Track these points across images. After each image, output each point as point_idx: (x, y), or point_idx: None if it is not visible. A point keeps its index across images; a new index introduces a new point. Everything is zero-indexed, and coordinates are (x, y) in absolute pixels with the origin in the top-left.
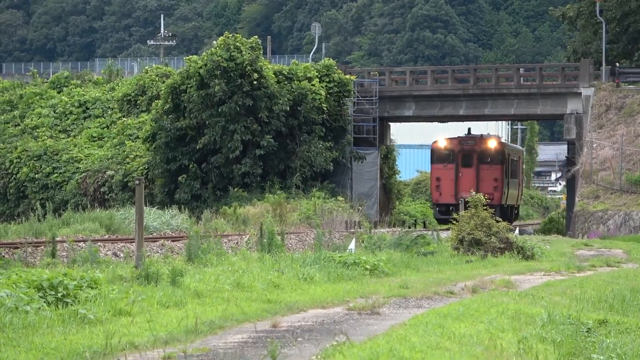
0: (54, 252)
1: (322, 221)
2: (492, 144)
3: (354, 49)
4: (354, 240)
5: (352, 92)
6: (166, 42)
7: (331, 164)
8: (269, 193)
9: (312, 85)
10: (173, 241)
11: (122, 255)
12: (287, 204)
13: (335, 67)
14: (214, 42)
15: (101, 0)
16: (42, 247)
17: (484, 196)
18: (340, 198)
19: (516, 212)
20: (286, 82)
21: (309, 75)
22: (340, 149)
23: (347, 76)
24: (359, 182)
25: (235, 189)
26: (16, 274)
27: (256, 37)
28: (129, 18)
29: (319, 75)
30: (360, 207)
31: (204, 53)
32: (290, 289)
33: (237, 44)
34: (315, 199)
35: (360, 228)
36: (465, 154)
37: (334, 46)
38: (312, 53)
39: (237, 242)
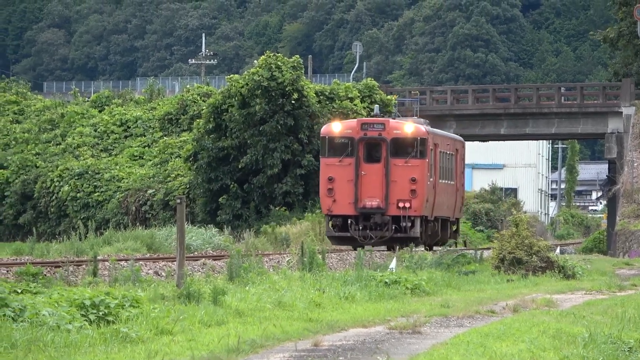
0: (96, 271)
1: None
2: (409, 130)
3: (395, 68)
4: (394, 259)
5: (393, 112)
6: (207, 61)
7: None
8: (310, 212)
9: (353, 105)
10: (214, 260)
11: (163, 274)
12: None
13: (377, 87)
14: (255, 61)
15: (142, 19)
16: (84, 265)
17: (397, 205)
18: None
19: (454, 228)
20: (327, 102)
21: (350, 95)
22: None
23: (389, 96)
24: None
25: (277, 208)
26: (58, 293)
27: (297, 56)
28: (170, 37)
29: (361, 95)
30: None
31: (245, 72)
32: (331, 308)
33: (279, 63)
34: None
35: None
36: (369, 144)
37: (374, 65)
38: (353, 72)
39: (279, 261)
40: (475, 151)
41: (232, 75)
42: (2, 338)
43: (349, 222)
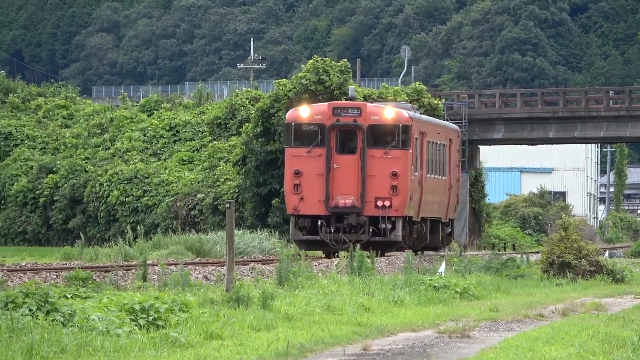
0: (145, 276)
1: None
2: (389, 115)
3: (443, 72)
4: (443, 263)
5: (441, 116)
6: (256, 66)
7: None
8: None
9: None
10: (263, 264)
11: (212, 278)
12: None
13: (426, 91)
14: (303, 65)
15: (191, 23)
16: (133, 270)
17: (376, 203)
18: None
19: (448, 230)
20: None
21: (398, 99)
22: None
23: (437, 100)
24: None
25: None
26: (107, 298)
27: (345, 60)
28: (218, 41)
29: (409, 99)
30: None
31: (294, 76)
32: (380, 312)
33: (327, 67)
34: None
35: (449, 251)
36: (343, 132)
37: (423, 69)
38: (401, 76)
39: (328, 266)
40: (523, 155)
41: (280, 80)
42: (52, 343)
43: (319, 223)
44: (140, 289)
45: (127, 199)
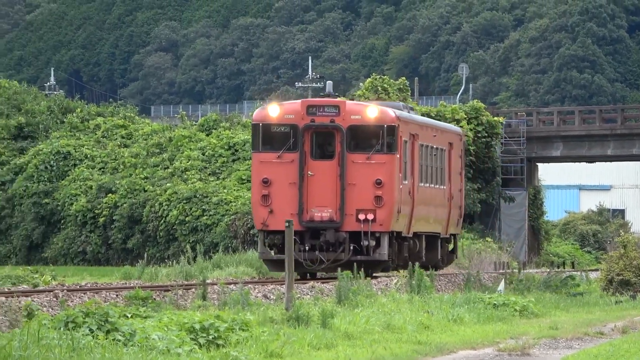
0: (205, 295)
1: (470, 262)
2: (372, 114)
3: (501, 90)
4: (502, 281)
5: (500, 134)
6: (314, 84)
7: (479, 205)
8: None
9: (460, 127)
10: (323, 283)
11: (272, 297)
12: None
13: (484, 109)
14: (362, 83)
15: (249, 42)
16: (193, 289)
17: (357, 217)
18: (488, 239)
19: (450, 247)
20: None
21: (457, 117)
22: (488, 191)
23: (496, 118)
24: (507, 223)
25: None
26: (167, 317)
27: (404, 78)
28: (276, 60)
29: (467, 117)
30: (508, 248)
31: (352, 94)
32: (440, 330)
33: (385, 85)
34: (463, 240)
35: (508, 269)
36: (319, 134)
37: (481, 87)
38: (459, 94)
39: (387, 284)
40: (582, 172)
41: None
42: None
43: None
44: (200, 308)
45: (186, 218)
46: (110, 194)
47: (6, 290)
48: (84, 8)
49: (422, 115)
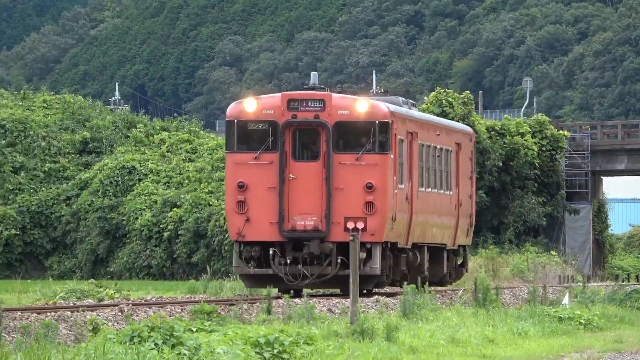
0: (270, 309)
1: (535, 276)
2: (361, 109)
3: (565, 103)
4: (567, 294)
5: (564, 148)
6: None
7: (544, 218)
8: (482, 248)
9: (524, 140)
10: (387, 297)
11: (337, 311)
12: (500, 259)
13: (548, 122)
14: (426, 97)
15: (313, 57)
16: (258, 303)
17: (345, 225)
18: (553, 252)
19: (459, 260)
20: (498, 137)
21: (521, 130)
22: (553, 204)
23: (560, 132)
24: (571, 237)
25: None
26: (232, 331)
27: (468, 92)
28: (340, 74)
29: (532, 131)
30: (573, 262)
31: (416, 108)
32: (504, 344)
33: (449, 99)
34: (528, 253)
35: (573, 282)
36: (302, 132)
37: (545, 100)
38: (523, 108)
39: (451, 298)
40: None
41: None
42: None
43: (271, 252)
44: (265, 322)
45: None
46: (175, 209)
47: (71, 304)
48: (148, 23)
49: (486, 128)
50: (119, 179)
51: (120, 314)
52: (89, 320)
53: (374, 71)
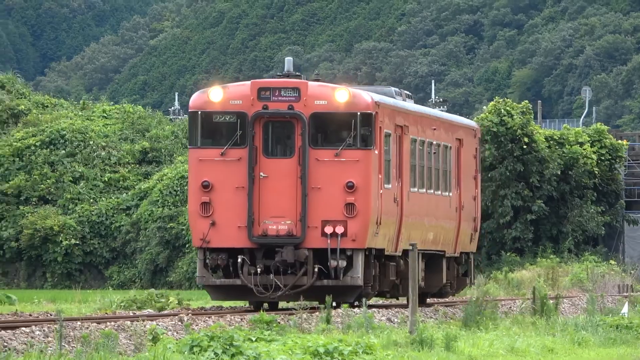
0: (329, 318)
1: (594, 285)
2: (341, 98)
3: (625, 113)
4: (627, 303)
5: (623, 157)
6: (437, 108)
7: (603, 228)
8: (541, 257)
9: (583, 149)
10: (446, 306)
11: (396, 320)
12: (559, 269)
13: (607, 132)
14: (485, 107)
15: (372, 66)
16: (317, 313)
17: (323, 230)
18: (612, 262)
19: (462, 269)
20: (557, 147)
21: (580, 139)
22: (612, 213)
23: (619, 141)
24: (631, 246)
25: (508, 254)
26: (292, 340)
27: (527, 101)
28: (399, 84)
29: (591, 140)
30: (632, 271)
31: (475, 118)
32: (564, 353)
33: (508, 108)
34: (587, 263)
35: (632, 292)
36: (274, 125)
37: (604, 110)
38: (582, 117)
39: (510, 307)
40: None
41: None
42: None
43: (240, 260)
44: (324, 332)
45: None
46: None
47: (131, 314)
48: (207, 33)
49: (545, 138)
50: (179, 188)
51: (180, 323)
52: (149, 329)
53: (432, 81)
